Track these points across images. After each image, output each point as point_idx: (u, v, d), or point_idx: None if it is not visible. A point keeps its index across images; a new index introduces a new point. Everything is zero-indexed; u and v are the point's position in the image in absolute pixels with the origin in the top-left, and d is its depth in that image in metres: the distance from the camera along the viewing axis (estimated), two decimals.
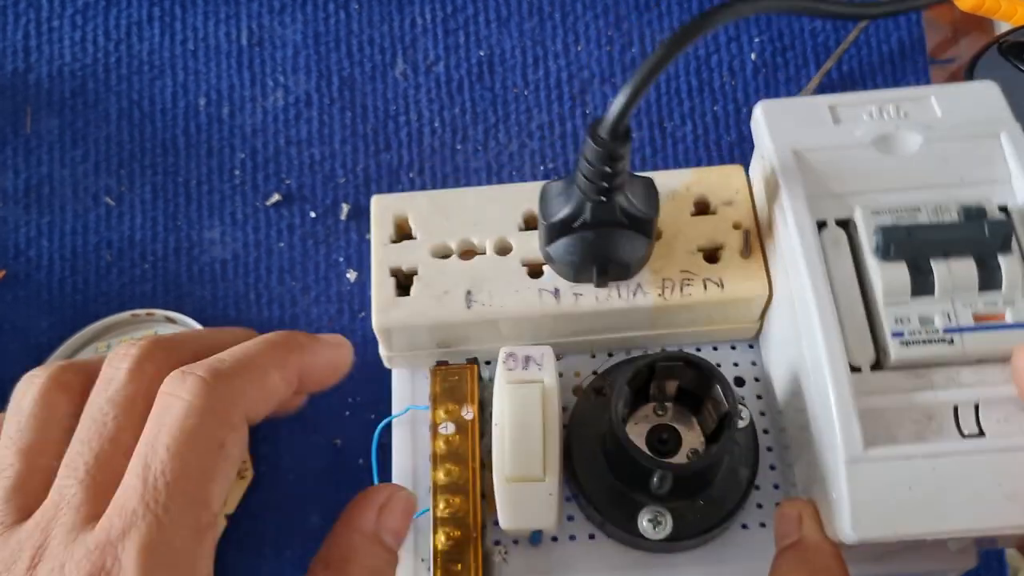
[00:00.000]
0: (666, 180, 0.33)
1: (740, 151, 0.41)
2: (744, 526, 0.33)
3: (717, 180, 0.33)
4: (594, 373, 0.35)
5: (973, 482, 0.26)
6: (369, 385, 0.38)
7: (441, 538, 0.31)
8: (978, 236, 0.28)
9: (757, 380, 0.35)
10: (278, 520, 0.37)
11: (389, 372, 0.38)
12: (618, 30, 0.43)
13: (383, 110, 0.42)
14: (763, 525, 0.33)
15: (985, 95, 0.31)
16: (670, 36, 0.25)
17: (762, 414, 0.34)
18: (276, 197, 0.41)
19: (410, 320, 0.32)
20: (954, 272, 0.28)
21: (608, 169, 0.27)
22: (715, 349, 0.35)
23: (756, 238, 0.32)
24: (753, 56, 0.42)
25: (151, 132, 0.42)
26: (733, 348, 0.35)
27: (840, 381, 0.27)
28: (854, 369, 0.28)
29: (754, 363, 0.35)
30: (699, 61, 0.42)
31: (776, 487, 0.34)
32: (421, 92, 0.42)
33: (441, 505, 0.31)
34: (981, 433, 0.27)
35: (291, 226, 0.40)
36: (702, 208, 0.33)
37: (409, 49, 0.43)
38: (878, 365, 0.28)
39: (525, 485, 0.30)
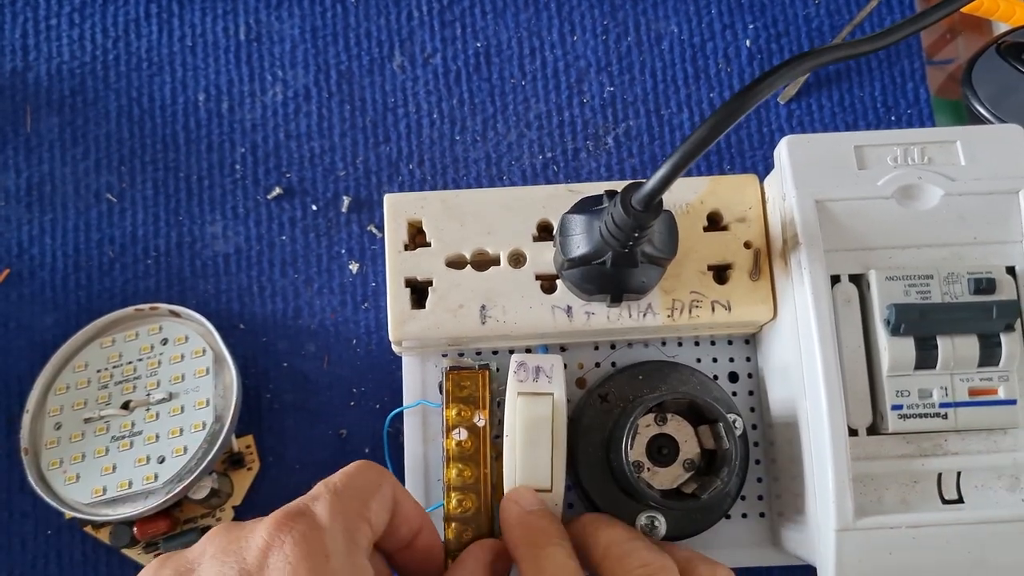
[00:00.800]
0: (680, 189, 0.33)
1: (736, 138, 0.42)
2: (727, 516, 0.35)
3: (731, 192, 0.33)
4: (596, 365, 0.35)
5: (947, 549, 0.28)
6: (373, 375, 0.39)
7: (453, 532, 0.31)
8: (985, 317, 0.29)
9: (750, 376, 0.36)
10: None
11: (393, 363, 0.39)
12: (613, 19, 0.43)
13: (381, 103, 0.42)
14: (744, 516, 0.35)
15: (1011, 142, 0.31)
16: (715, 114, 0.24)
17: (752, 410, 0.35)
18: (277, 191, 0.41)
19: (425, 333, 0.32)
20: (958, 350, 0.29)
21: (636, 234, 0.27)
22: (712, 344, 0.36)
23: (766, 259, 0.33)
24: (748, 43, 0.43)
25: (151, 129, 0.42)
26: (730, 343, 0.36)
27: (839, 454, 0.28)
28: (851, 431, 0.30)
29: (748, 359, 0.36)
30: (694, 49, 0.43)
31: (759, 480, 0.35)
32: (419, 84, 0.42)
33: (453, 503, 0.31)
34: (960, 499, 0.29)
35: (292, 219, 0.41)
36: (714, 221, 0.34)
37: (406, 42, 0.43)
38: (874, 429, 0.30)
39: None
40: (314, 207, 0.41)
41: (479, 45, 0.43)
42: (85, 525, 0.36)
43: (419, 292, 0.33)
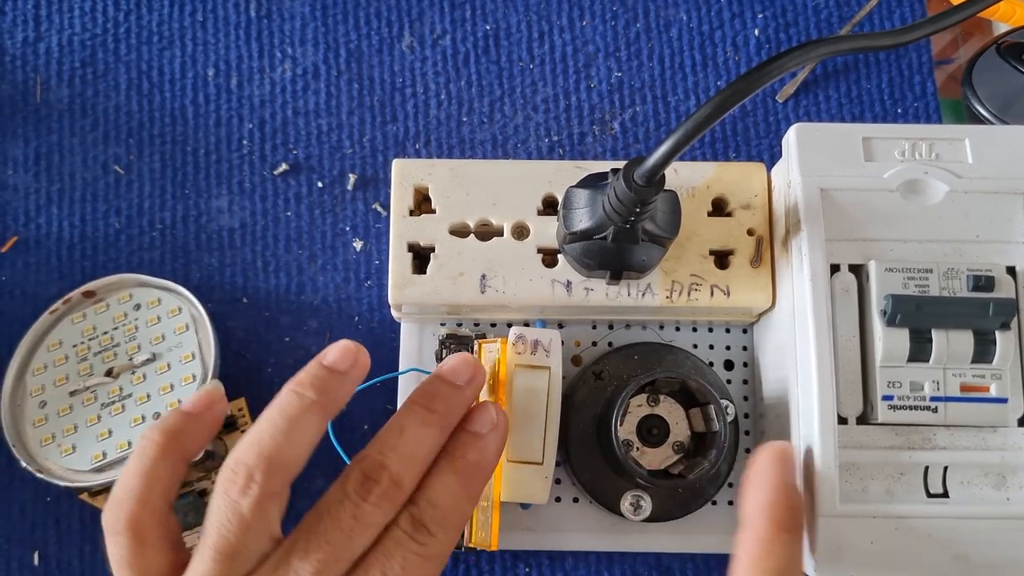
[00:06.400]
0: (688, 173, 0.34)
1: (743, 125, 0.42)
2: (713, 502, 0.35)
3: (738, 179, 0.33)
4: (593, 344, 0.35)
5: (929, 542, 0.28)
6: (374, 352, 0.39)
7: None
8: (982, 314, 0.29)
9: (746, 365, 0.36)
10: None
11: (394, 340, 0.39)
12: (623, 5, 0.43)
13: (390, 82, 0.42)
14: (731, 503, 0.35)
15: (1020, 144, 0.31)
16: (720, 93, 0.24)
17: (745, 399, 0.35)
18: (284, 167, 0.41)
19: (424, 299, 0.32)
20: (952, 344, 0.29)
21: (637, 210, 0.27)
22: (710, 331, 0.36)
23: (768, 247, 0.33)
24: (756, 32, 0.43)
25: (160, 102, 0.42)
26: (728, 331, 0.36)
27: (827, 440, 0.28)
28: (841, 420, 0.30)
29: (745, 348, 0.36)
30: (703, 36, 0.43)
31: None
32: (427, 65, 0.43)
33: None
34: (945, 494, 0.29)
35: (298, 195, 0.41)
36: (719, 207, 0.34)
37: (416, 22, 0.43)
38: (863, 419, 0.30)
39: (524, 467, 0.31)
40: (320, 184, 0.41)
41: (488, 27, 0.43)
42: (80, 493, 0.37)
43: (421, 259, 0.33)
